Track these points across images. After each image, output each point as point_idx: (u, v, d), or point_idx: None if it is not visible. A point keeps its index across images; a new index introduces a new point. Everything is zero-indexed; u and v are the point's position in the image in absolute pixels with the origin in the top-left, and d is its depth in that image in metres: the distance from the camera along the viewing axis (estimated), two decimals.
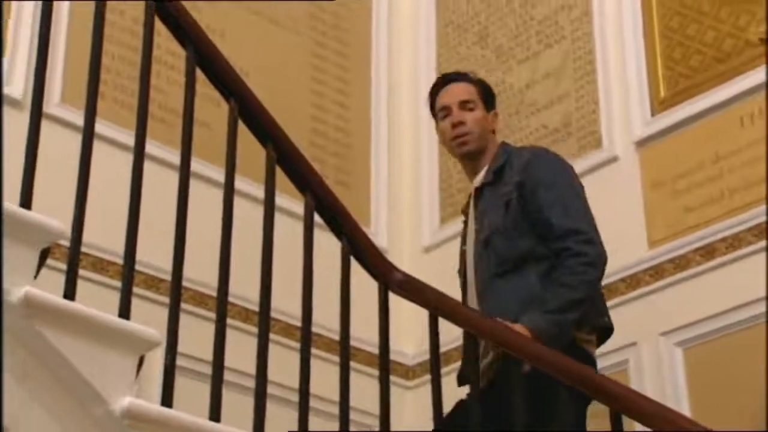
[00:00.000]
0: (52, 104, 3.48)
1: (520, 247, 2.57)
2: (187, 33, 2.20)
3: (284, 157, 2.27)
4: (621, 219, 3.56)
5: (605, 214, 2.83)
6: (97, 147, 2.03)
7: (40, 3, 2.09)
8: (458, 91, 2.78)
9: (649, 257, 3.54)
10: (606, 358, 3.00)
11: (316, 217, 2.29)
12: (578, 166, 3.12)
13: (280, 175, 2.26)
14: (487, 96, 2.82)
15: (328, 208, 2.32)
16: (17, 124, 2.05)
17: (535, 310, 2.45)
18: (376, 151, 4.41)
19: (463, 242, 2.78)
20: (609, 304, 2.71)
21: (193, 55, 2.18)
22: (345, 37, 4.53)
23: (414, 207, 4.36)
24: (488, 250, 2.60)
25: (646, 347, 3.43)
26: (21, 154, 1.92)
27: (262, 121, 2.26)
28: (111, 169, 2.61)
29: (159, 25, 2.19)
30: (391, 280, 2.29)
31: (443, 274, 2.83)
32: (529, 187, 2.61)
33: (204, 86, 2.29)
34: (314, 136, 4.25)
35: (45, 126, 1.99)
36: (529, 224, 2.58)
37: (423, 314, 2.31)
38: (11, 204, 1.79)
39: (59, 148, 2.74)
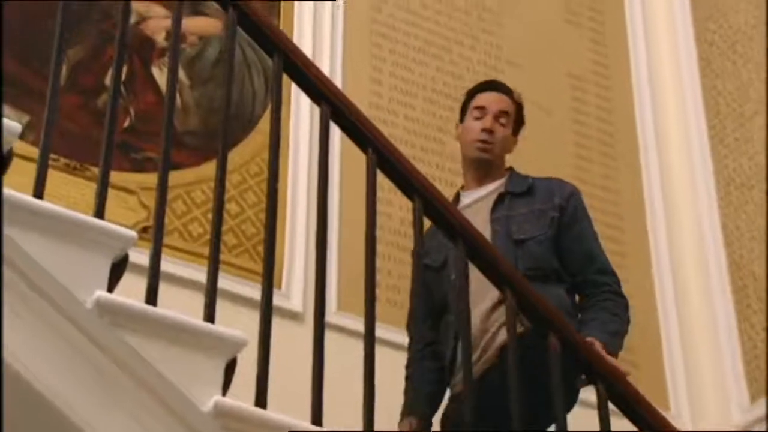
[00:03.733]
0: (330, 312, 3.62)
1: (552, 262, 2.72)
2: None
3: None
4: None
5: None
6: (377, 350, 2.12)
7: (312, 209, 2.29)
8: (500, 100, 2.91)
9: None
10: None
11: (610, 404, 2.28)
12: None
13: None
14: (520, 120, 2.94)
15: (620, 395, 2.31)
16: (300, 336, 2.20)
17: (599, 330, 2.56)
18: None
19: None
20: None
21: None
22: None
23: (717, 383, 4.23)
24: (521, 250, 2.70)
25: None
26: (305, 366, 2.04)
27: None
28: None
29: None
30: None
31: None
32: (570, 216, 2.78)
33: None
34: None
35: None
36: (558, 246, 2.73)
37: None
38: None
39: (339, 356, 2.90)
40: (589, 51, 4.82)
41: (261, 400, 1.93)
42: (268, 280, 2.06)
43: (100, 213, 1.95)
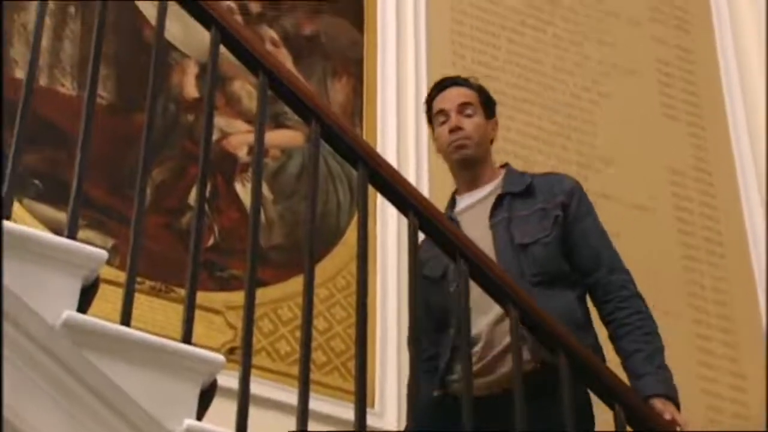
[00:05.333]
0: None
1: (560, 265, 2.67)
2: None
3: None
4: None
5: None
6: None
7: None
8: (456, 95, 2.85)
9: None
10: None
11: None
12: None
13: None
14: (488, 102, 2.88)
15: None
16: None
17: (651, 373, 2.50)
18: None
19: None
20: None
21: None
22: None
23: None
24: (525, 255, 2.64)
25: None
26: None
27: None
28: None
29: None
30: None
31: None
32: (574, 212, 2.72)
33: None
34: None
35: None
36: (565, 247, 2.67)
37: None
38: None
39: None
40: (688, 145, 4.81)
41: None
42: (361, 399, 2.07)
43: (187, 338, 1.99)
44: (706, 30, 5.10)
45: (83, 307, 1.92)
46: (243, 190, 3.90)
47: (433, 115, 2.89)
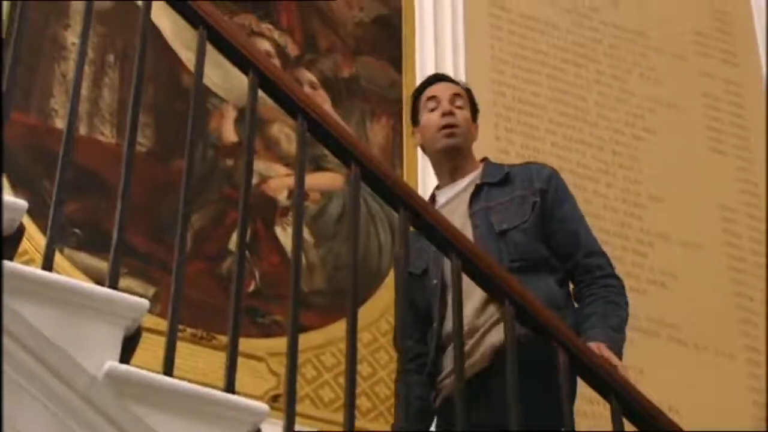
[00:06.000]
0: None
1: (539, 250, 2.71)
2: None
3: None
4: None
5: None
6: None
7: None
8: (448, 87, 2.92)
9: None
10: None
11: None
12: None
13: None
14: (474, 106, 2.93)
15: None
16: None
17: (600, 327, 2.56)
18: None
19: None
20: None
21: None
22: None
23: None
24: (504, 242, 2.69)
25: None
26: None
27: None
28: None
29: None
30: None
31: None
32: (552, 198, 2.77)
33: None
34: None
35: None
36: (544, 233, 2.73)
37: None
38: None
39: None
40: (737, 179, 4.79)
41: None
42: None
43: (230, 387, 2.00)
44: (754, 62, 5.09)
45: (126, 357, 1.93)
46: (283, 234, 3.92)
47: (420, 105, 2.93)
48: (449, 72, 4.38)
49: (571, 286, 2.79)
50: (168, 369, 1.97)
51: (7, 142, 2.00)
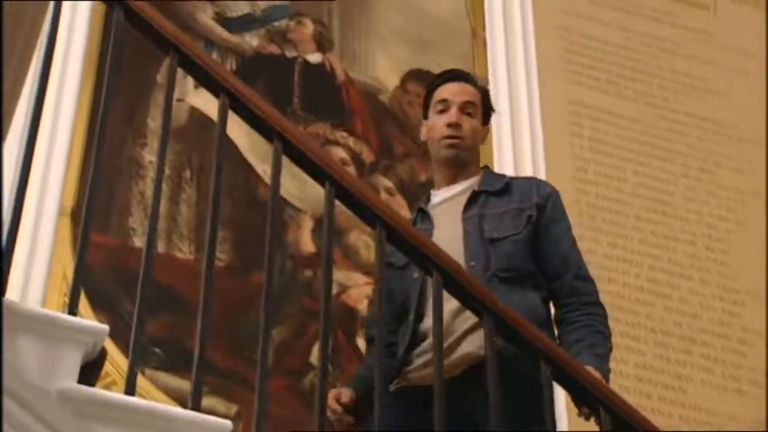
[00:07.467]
0: None
1: (527, 264, 2.72)
2: None
3: None
4: None
5: None
6: None
7: None
8: (462, 91, 2.88)
9: None
10: None
11: None
12: None
13: None
14: (488, 107, 2.91)
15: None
16: None
17: (587, 354, 2.57)
18: None
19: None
20: None
21: None
22: None
23: None
24: (494, 250, 2.70)
25: None
26: None
27: None
28: None
29: None
30: None
31: None
32: (548, 216, 2.79)
33: None
34: None
35: None
36: (534, 249, 2.73)
37: None
38: None
39: None
40: None
41: None
42: None
43: None
44: None
45: None
46: (365, 345, 3.95)
47: (432, 102, 2.94)
48: (528, 171, 4.45)
49: (553, 310, 2.80)
50: None
51: (88, 264, 2.07)
